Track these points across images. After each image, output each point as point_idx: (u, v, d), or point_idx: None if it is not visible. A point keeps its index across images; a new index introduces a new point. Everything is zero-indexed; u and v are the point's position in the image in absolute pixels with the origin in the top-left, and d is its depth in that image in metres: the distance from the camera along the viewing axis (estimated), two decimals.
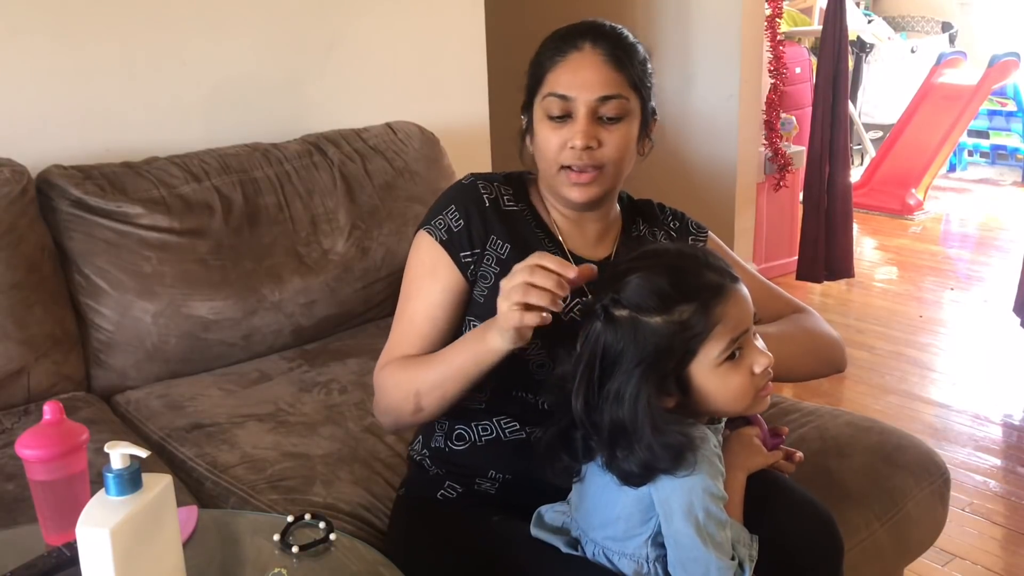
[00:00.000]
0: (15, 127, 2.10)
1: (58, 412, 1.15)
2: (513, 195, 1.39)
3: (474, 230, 1.34)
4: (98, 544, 0.93)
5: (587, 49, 1.29)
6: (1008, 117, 6.02)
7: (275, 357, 2.13)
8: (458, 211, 1.35)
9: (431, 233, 1.35)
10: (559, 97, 1.28)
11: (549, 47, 1.32)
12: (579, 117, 1.28)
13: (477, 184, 1.37)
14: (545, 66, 1.30)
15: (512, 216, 1.36)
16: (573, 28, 1.33)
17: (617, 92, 1.29)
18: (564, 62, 1.29)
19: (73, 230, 1.97)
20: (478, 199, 1.36)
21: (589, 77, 1.28)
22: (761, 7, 3.82)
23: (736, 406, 1.15)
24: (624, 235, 1.45)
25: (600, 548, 1.20)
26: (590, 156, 1.29)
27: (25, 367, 1.87)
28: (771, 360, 1.14)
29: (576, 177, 1.30)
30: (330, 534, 1.16)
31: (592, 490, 1.21)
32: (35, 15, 2.11)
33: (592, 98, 1.28)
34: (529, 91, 1.34)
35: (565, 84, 1.28)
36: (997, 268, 4.49)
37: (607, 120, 1.29)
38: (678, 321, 1.09)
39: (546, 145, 1.30)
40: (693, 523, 1.10)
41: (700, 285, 1.10)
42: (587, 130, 1.27)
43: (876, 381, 3.29)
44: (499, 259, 1.33)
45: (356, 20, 2.58)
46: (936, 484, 1.72)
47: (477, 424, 1.35)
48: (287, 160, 2.24)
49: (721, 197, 3.85)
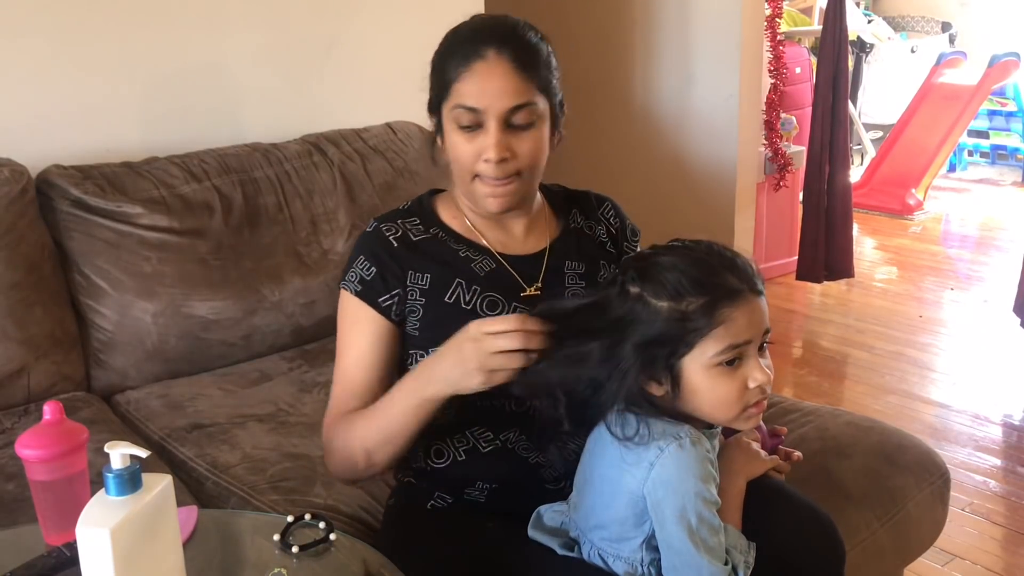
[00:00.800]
0: (15, 127, 2.10)
1: (58, 412, 1.15)
2: (421, 223, 1.38)
3: (387, 273, 1.33)
4: (98, 544, 0.93)
5: (492, 57, 1.25)
6: (1008, 117, 6.02)
7: (275, 357, 2.13)
8: (367, 260, 1.34)
9: (347, 288, 1.34)
10: (468, 109, 1.25)
11: (453, 52, 1.28)
12: (490, 129, 1.25)
13: (380, 228, 1.36)
14: (450, 74, 1.27)
15: (425, 244, 1.35)
16: (475, 31, 1.29)
17: (526, 100, 1.26)
18: (469, 72, 1.25)
19: (73, 230, 1.97)
20: (384, 242, 1.34)
21: (496, 87, 1.24)
22: (761, 7, 3.82)
23: (720, 414, 1.14)
24: (561, 226, 1.43)
25: (596, 549, 1.20)
26: (504, 167, 1.27)
27: (25, 367, 1.87)
28: (769, 380, 1.12)
29: (493, 188, 1.29)
30: (330, 534, 1.16)
31: (590, 490, 1.21)
32: (35, 15, 2.11)
33: (502, 109, 1.25)
34: (435, 95, 1.31)
35: (474, 96, 1.25)
36: (997, 268, 4.49)
37: (518, 127, 1.27)
38: (682, 311, 1.09)
39: (459, 154, 1.29)
40: (686, 527, 1.10)
41: (716, 283, 1.09)
42: (499, 142, 1.25)
43: (876, 381, 3.29)
44: (422, 290, 1.33)
45: (356, 20, 2.58)
46: (936, 484, 1.72)
47: (451, 439, 1.33)
48: (287, 160, 2.24)
49: (721, 197, 3.85)
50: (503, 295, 1.33)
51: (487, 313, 1.31)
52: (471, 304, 1.32)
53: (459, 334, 1.16)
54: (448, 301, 1.32)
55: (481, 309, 1.32)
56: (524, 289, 1.35)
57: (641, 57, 4.01)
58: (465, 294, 1.32)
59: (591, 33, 4.05)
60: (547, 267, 1.37)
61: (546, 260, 1.38)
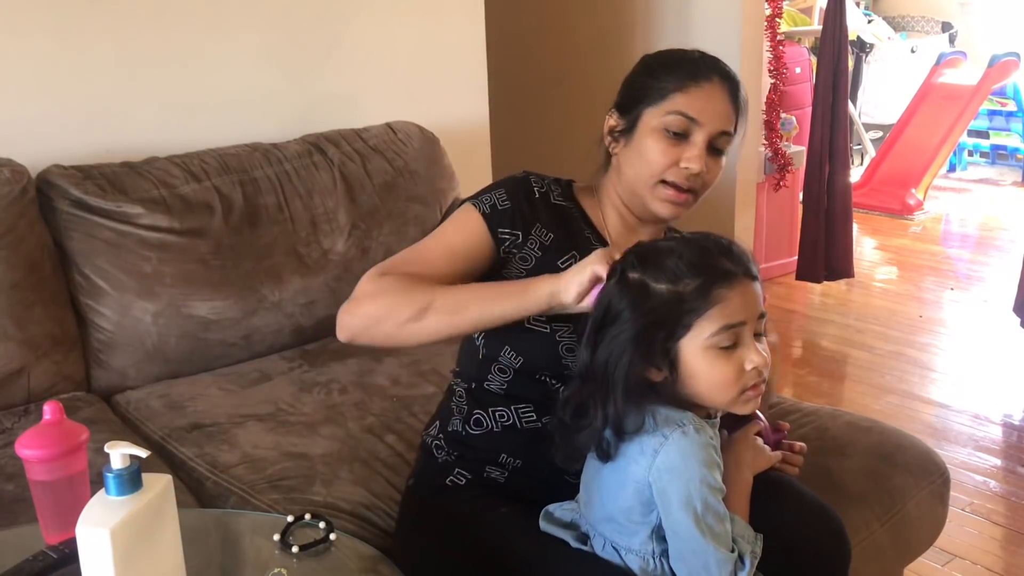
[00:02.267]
0: (15, 127, 2.10)
1: (58, 412, 1.15)
2: (562, 194, 1.45)
3: (519, 213, 1.39)
4: (98, 544, 0.93)
5: (717, 82, 1.35)
6: (1008, 117, 6.02)
7: (275, 357, 2.13)
8: (506, 194, 1.41)
9: (475, 205, 1.40)
10: (688, 118, 1.33)
11: (677, 66, 1.36)
12: (697, 142, 1.34)
13: (529, 178, 1.45)
14: (672, 83, 1.35)
15: (560, 209, 1.43)
16: (701, 57, 1.39)
17: (731, 129, 1.37)
18: (697, 87, 1.34)
19: (73, 230, 1.97)
20: (528, 189, 1.42)
21: (720, 109, 1.35)
22: (761, 7, 3.82)
23: (718, 396, 1.16)
24: None
25: (608, 542, 1.21)
26: (693, 180, 1.36)
27: (25, 367, 1.87)
28: (765, 362, 1.14)
29: (675, 196, 1.36)
30: (330, 534, 1.16)
31: (597, 484, 1.22)
32: (35, 15, 2.11)
33: (716, 129, 1.35)
34: (639, 97, 1.37)
35: (696, 109, 1.34)
36: (997, 268, 4.50)
37: (716, 150, 1.36)
38: (679, 292, 1.12)
39: (654, 157, 1.35)
40: (691, 514, 1.11)
41: (710, 265, 1.13)
42: (703, 155, 1.34)
43: (876, 381, 3.29)
44: (542, 244, 1.39)
45: (356, 20, 2.58)
46: (936, 484, 1.72)
47: (495, 410, 1.38)
48: (287, 160, 2.24)
49: (721, 197, 3.85)
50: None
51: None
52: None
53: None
54: (560, 265, 1.35)
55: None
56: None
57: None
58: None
59: (591, 33, 4.05)
60: None
61: None
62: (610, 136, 1.42)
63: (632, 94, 1.39)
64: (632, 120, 1.38)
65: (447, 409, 1.46)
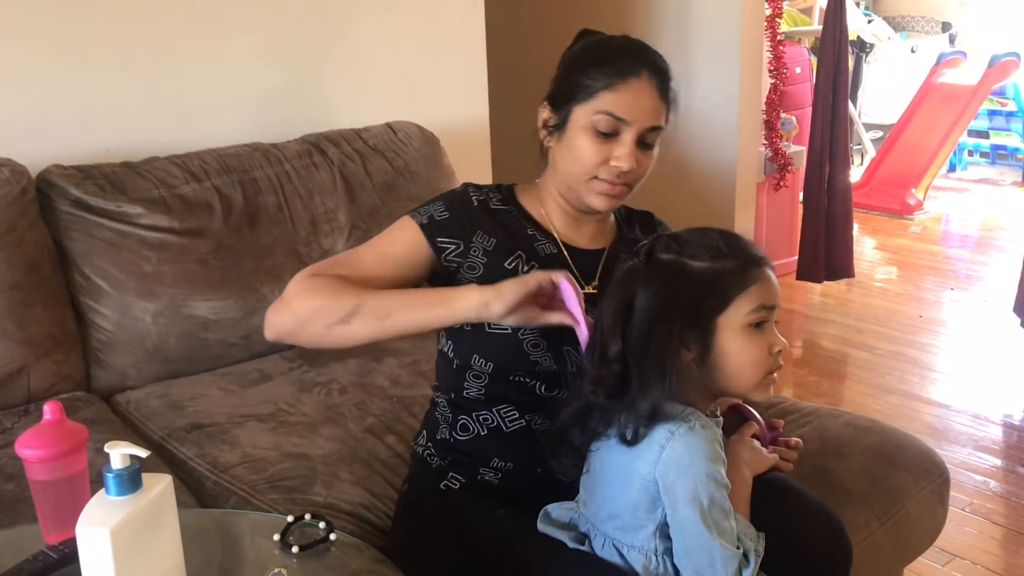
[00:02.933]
0: (15, 127, 2.10)
1: (58, 412, 1.15)
2: (502, 199, 1.47)
3: (457, 223, 1.41)
4: (98, 544, 0.93)
5: (645, 77, 1.35)
6: (1008, 117, 6.02)
7: (275, 357, 2.13)
8: (444, 206, 1.43)
9: (413, 217, 1.42)
10: (615, 118, 1.34)
11: (605, 62, 1.36)
12: (627, 141, 1.35)
13: (468, 188, 1.47)
14: (599, 82, 1.35)
15: (500, 214, 1.45)
16: (627, 49, 1.38)
17: (661, 124, 1.38)
18: (625, 86, 1.34)
19: (73, 230, 1.97)
20: (466, 199, 1.45)
21: (648, 106, 1.35)
22: (761, 7, 3.82)
23: (746, 377, 1.18)
24: (620, 235, 1.52)
25: (610, 540, 1.21)
26: (626, 176, 1.37)
27: (25, 367, 1.87)
28: (787, 349, 1.20)
29: (609, 189, 1.38)
30: (330, 534, 1.16)
31: (601, 481, 1.22)
32: (35, 15, 2.11)
33: (644, 126, 1.36)
34: (569, 93, 1.37)
35: (624, 108, 1.34)
36: (997, 268, 4.50)
37: (646, 145, 1.38)
38: (722, 269, 1.15)
39: (585, 156, 1.36)
40: (698, 509, 1.12)
41: (745, 248, 1.19)
42: (633, 154, 1.36)
43: (876, 381, 3.29)
44: (486, 250, 1.40)
45: (356, 20, 2.58)
46: (936, 484, 1.72)
47: (478, 414, 1.39)
48: (287, 160, 2.24)
49: (721, 197, 3.86)
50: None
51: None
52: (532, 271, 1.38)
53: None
54: (507, 267, 1.39)
55: None
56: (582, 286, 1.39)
57: None
58: (523, 266, 1.39)
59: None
60: (604, 268, 1.44)
61: (603, 260, 1.46)
62: (544, 130, 1.42)
63: (562, 89, 1.39)
64: (563, 116, 1.38)
65: (433, 419, 1.47)
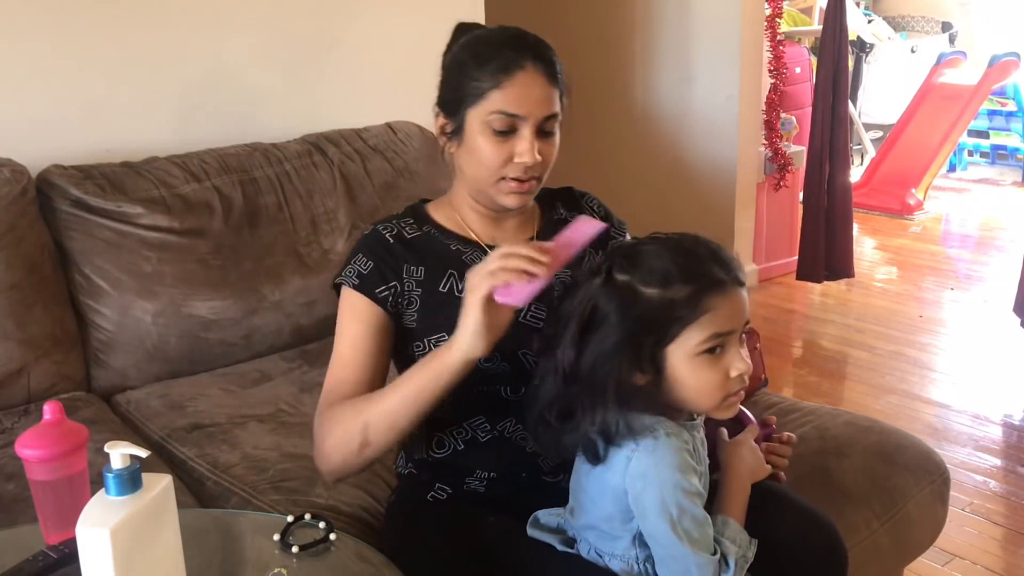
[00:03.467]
0: (15, 127, 2.10)
1: (58, 412, 1.15)
2: (415, 223, 1.44)
3: (383, 267, 1.38)
4: (98, 544, 0.93)
5: (530, 68, 1.31)
6: (1008, 117, 6.02)
7: (275, 357, 2.13)
8: (364, 256, 1.39)
9: (344, 282, 1.39)
10: (509, 115, 1.31)
11: (487, 60, 1.33)
12: (526, 135, 1.32)
13: (378, 228, 1.43)
14: (486, 82, 1.32)
15: (418, 241, 1.42)
16: (506, 41, 1.35)
17: (556, 110, 1.34)
18: (511, 81, 1.31)
19: (73, 230, 1.97)
20: (380, 240, 1.41)
21: (536, 97, 1.32)
22: (761, 7, 3.82)
23: (702, 402, 1.16)
24: (545, 218, 1.49)
25: (592, 548, 1.21)
26: (532, 170, 1.34)
27: (25, 367, 1.87)
28: (749, 368, 1.14)
29: (518, 187, 1.35)
30: (330, 534, 1.16)
31: (582, 491, 1.22)
32: (35, 16, 2.11)
33: (540, 117, 1.32)
34: (459, 98, 1.34)
35: (516, 103, 1.31)
36: (997, 268, 4.49)
37: (546, 133, 1.34)
38: (670, 299, 1.11)
39: (488, 158, 1.33)
40: (667, 520, 1.11)
41: (702, 272, 1.12)
42: (534, 147, 1.32)
43: (876, 381, 3.29)
44: (418, 282, 1.38)
45: (356, 20, 2.58)
46: (936, 484, 1.72)
47: (451, 430, 1.38)
48: (287, 160, 2.24)
49: (721, 197, 3.86)
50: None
51: None
52: (463, 292, 1.33)
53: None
54: (442, 291, 1.37)
55: None
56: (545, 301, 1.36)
57: (641, 57, 4.01)
58: (458, 283, 1.36)
59: (591, 33, 4.05)
60: None
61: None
62: (443, 137, 1.40)
63: (452, 94, 1.37)
64: (458, 122, 1.36)
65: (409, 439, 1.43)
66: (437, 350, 1.26)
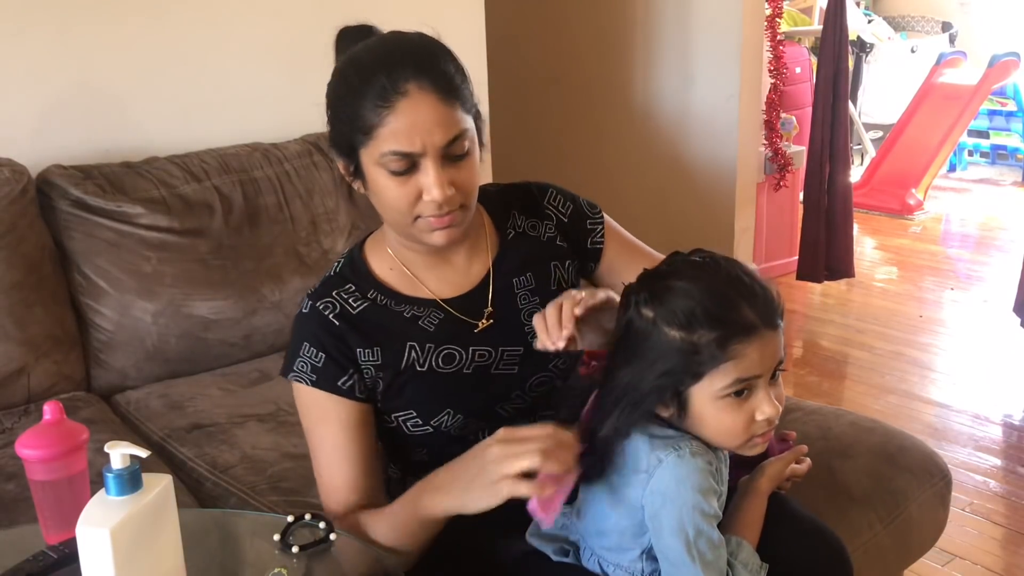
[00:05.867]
0: (15, 127, 2.10)
1: (58, 412, 1.15)
2: (357, 288, 1.28)
3: (337, 356, 1.23)
4: (98, 544, 0.93)
5: (413, 92, 1.13)
6: (1008, 117, 6.02)
7: (275, 357, 2.12)
8: (312, 346, 1.24)
9: (299, 379, 1.25)
10: (402, 155, 1.14)
11: (364, 92, 1.16)
12: (428, 169, 1.15)
13: (316, 307, 1.26)
14: (369, 119, 1.14)
15: (364, 315, 1.26)
16: (380, 62, 1.17)
17: (460, 129, 1.16)
18: (394, 114, 1.13)
19: (73, 230, 1.97)
20: (324, 322, 1.25)
21: (429, 123, 1.13)
22: (761, 7, 3.81)
23: (725, 442, 1.12)
24: (501, 239, 1.34)
25: (596, 557, 1.19)
26: (449, 203, 1.17)
27: (25, 367, 1.87)
28: (777, 412, 1.09)
29: (438, 223, 1.19)
30: (330, 534, 1.16)
31: (594, 497, 1.19)
32: (36, 15, 2.11)
33: (438, 145, 1.14)
34: (347, 139, 1.20)
35: (405, 140, 1.13)
36: (997, 268, 4.49)
37: (455, 158, 1.17)
38: (693, 342, 1.05)
39: (395, 200, 1.17)
40: (683, 540, 1.08)
41: (731, 319, 1.05)
42: (441, 180, 1.15)
43: (876, 381, 3.29)
44: (376, 365, 1.25)
45: (356, 20, 2.57)
46: (938, 487, 1.72)
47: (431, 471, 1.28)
48: (287, 160, 2.24)
49: (721, 197, 3.85)
50: (458, 344, 1.27)
51: (444, 368, 1.25)
52: (426, 364, 1.26)
53: (477, 449, 1.10)
54: (404, 368, 1.25)
55: (438, 366, 1.26)
56: (476, 326, 1.28)
57: (641, 57, 4.01)
58: (420, 355, 1.25)
59: (591, 33, 4.05)
60: (494, 291, 1.30)
61: (492, 285, 1.31)
62: (348, 177, 1.25)
63: (338, 135, 1.22)
64: (354, 162, 1.20)
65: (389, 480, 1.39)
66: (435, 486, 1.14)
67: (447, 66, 1.18)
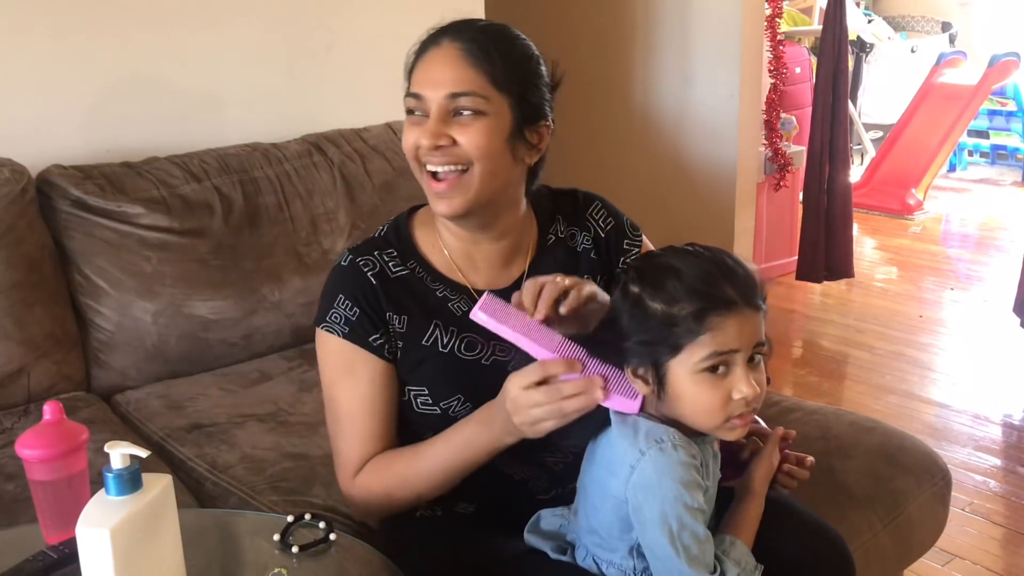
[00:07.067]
0: (15, 127, 2.10)
1: (58, 412, 1.15)
2: (399, 255, 1.31)
3: (371, 313, 1.26)
4: (98, 544, 0.93)
5: (444, 44, 1.21)
6: (1008, 117, 6.02)
7: (275, 357, 2.13)
8: (348, 299, 1.27)
9: (331, 331, 1.28)
10: (413, 96, 1.22)
11: (416, 46, 1.26)
12: (431, 116, 1.20)
13: (356, 262, 1.29)
14: (409, 64, 1.25)
15: (401, 281, 1.29)
16: (441, 25, 1.26)
17: (469, 89, 1.19)
18: (422, 59, 1.23)
19: (73, 230, 1.97)
20: (362, 280, 1.27)
21: (440, 74, 1.20)
22: (761, 7, 3.82)
23: (703, 421, 1.12)
24: (540, 244, 1.36)
25: (591, 555, 1.20)
26: (444, 154, 1.20)
27: (25, 367, 1.87)
28: (755, 393, 1.09)
29: (436, 185, 1.22)
30: (330, 534, 1.16)
31: (585, 494, 1.20)
32: (35, 15, 2.11)
33: (440, 96, 1.19)
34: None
35: (419, 82, 1.22)
36: (997, 268, 4.49)
37: (463, 116, 1.20)
38: (673, 314, 1.08)
39: (403, 142, 1.25)
40: (667, 533, 1.08)
41: (710, 293, 1.08)
42: (434, 128, 1.19)
43: (876, 381, 3.29)
44: (400, 333, 1.27)
45: (356, 20, 2.58)
46: (938, 487, 1.72)
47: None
48: (287, 160, 2.24)
49: (721, 197, 3.85)
50: (481, 334, 1.24)
51: (465, 355, 1.28)
52: (448, 347, 1.28)
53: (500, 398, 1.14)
54: (425, 344, 1.27)
55: (459, 351, 1.28)
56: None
57: (641, 57, 4.01)
58: (443, 336, 1.28)
59: (591, 33, 4.05)
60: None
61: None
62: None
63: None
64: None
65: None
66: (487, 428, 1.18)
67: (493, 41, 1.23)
